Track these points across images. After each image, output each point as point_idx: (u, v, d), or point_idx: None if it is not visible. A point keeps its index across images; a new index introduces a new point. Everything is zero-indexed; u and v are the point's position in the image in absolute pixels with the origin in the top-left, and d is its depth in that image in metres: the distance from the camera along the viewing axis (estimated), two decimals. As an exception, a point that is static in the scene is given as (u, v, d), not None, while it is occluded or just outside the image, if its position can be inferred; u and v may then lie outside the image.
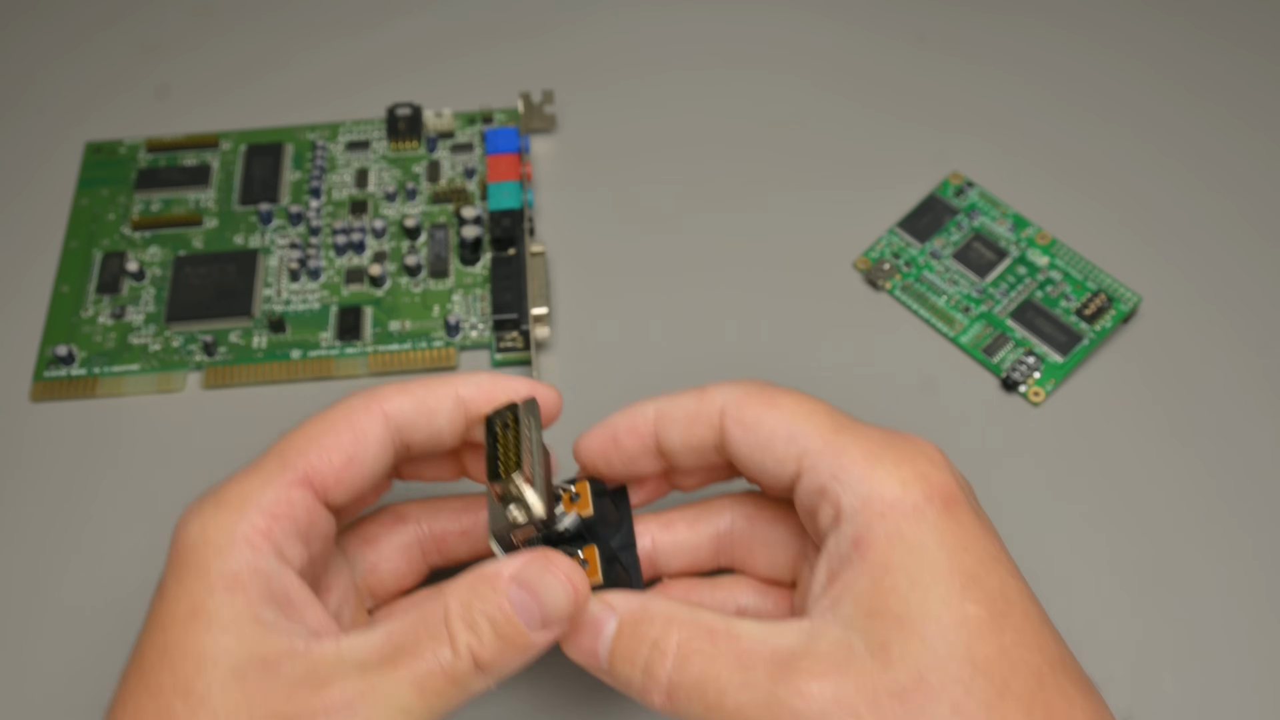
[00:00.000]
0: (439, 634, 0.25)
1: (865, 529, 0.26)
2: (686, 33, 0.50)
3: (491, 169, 0.43)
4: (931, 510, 0.26)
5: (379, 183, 0.44)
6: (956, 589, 0.25)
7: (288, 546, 0.27)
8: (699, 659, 0.25)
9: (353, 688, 0.25)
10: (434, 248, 0.42)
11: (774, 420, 0.28)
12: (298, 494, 0.27)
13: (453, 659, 0.25)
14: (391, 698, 0.25)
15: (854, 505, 0.26)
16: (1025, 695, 0.24)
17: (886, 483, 0.26)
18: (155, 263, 0.42)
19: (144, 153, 0.45)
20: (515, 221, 0.41)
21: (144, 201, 0.44)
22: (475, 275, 0.42)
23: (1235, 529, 0.37)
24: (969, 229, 0.43)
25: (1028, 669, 0.25)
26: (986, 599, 0.25)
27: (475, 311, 0.41)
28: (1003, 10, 0.50)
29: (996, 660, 0.24)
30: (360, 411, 0.28)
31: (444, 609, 0.25)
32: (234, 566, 0.26)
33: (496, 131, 0.44)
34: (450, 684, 0.25)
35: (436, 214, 0.43)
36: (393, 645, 0.25)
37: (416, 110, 0.45)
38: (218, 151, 0.45)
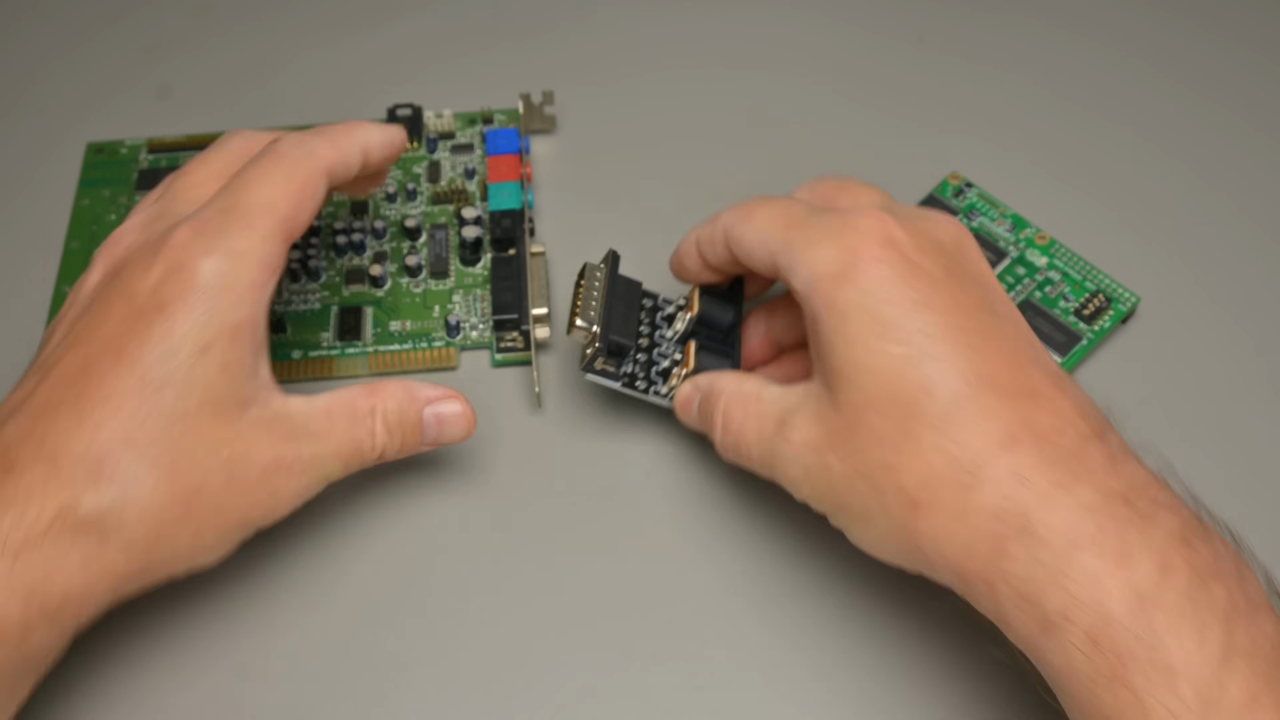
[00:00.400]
0: (366, 425, 0.33)
1: (811, 304, 0.31)
2: (686, 32, 0.50)
3: (492, 170, 0.43)
4: (852, 274, 0.30)
5: None
6: (878, 335, 0.29)
7: (269, 297, 0.32)
8: (735, 420, 0.33)
9: (295, 450, 0.32)
10: (434, 248, 0.42)
11: (750, 234, 0.33)
12: (281, 248, 0.32)
13: (370, 447, 0.33)
14: (322, 467, 0.33)
15: (802, 288, 0.31)
16: (938, 415, 0.28)
17: (819, 262, 0.31)
18: None
19: (145, 153, 0.45)
20: (515, 222, 0.41)
21: None
22: (475, 276, 0.42)
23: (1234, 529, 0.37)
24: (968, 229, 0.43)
25: (945, 393, 0.28)
26: (907, 339, 0.29)
27: (475, 312, 0.41)
28: (1002, 10, 0.50)
29: (915, 390, 0.28)
30: (312, 170, 0.33)
31: (376, 410, 0.33)
32: (240, 316, 0.31)
33: (497, 132, 0.44)
34: (360, 463, 0.34)
35: (437, 214, 0.43)
36: (330, 421, 0.33)
37: (417, 111, 0.45)
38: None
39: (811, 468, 0.31)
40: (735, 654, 0.34)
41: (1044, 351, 0.31)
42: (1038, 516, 0.27)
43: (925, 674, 0.34)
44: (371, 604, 0.35)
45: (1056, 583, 0.26)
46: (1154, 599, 0.25)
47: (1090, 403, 0.29)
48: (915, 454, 0.28)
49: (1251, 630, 0.25)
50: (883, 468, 0.29)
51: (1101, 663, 0.25)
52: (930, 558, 0.28)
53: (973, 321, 0.29)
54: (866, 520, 0.30)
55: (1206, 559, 0.26)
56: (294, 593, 0.36)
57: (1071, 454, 0.27)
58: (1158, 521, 0.26)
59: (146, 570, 0.30)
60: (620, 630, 0.35)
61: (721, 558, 0.36)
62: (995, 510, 0.27)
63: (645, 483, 0.38)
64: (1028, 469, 0.27)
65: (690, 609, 0.35)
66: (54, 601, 0.28)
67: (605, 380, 0.36)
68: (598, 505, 0.37)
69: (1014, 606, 0.27)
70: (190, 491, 0.30)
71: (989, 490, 0.27)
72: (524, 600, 0.35)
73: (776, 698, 0.34)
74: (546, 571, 0.36)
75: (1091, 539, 0.26)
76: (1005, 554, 0.27)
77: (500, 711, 0.33)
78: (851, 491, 0.30)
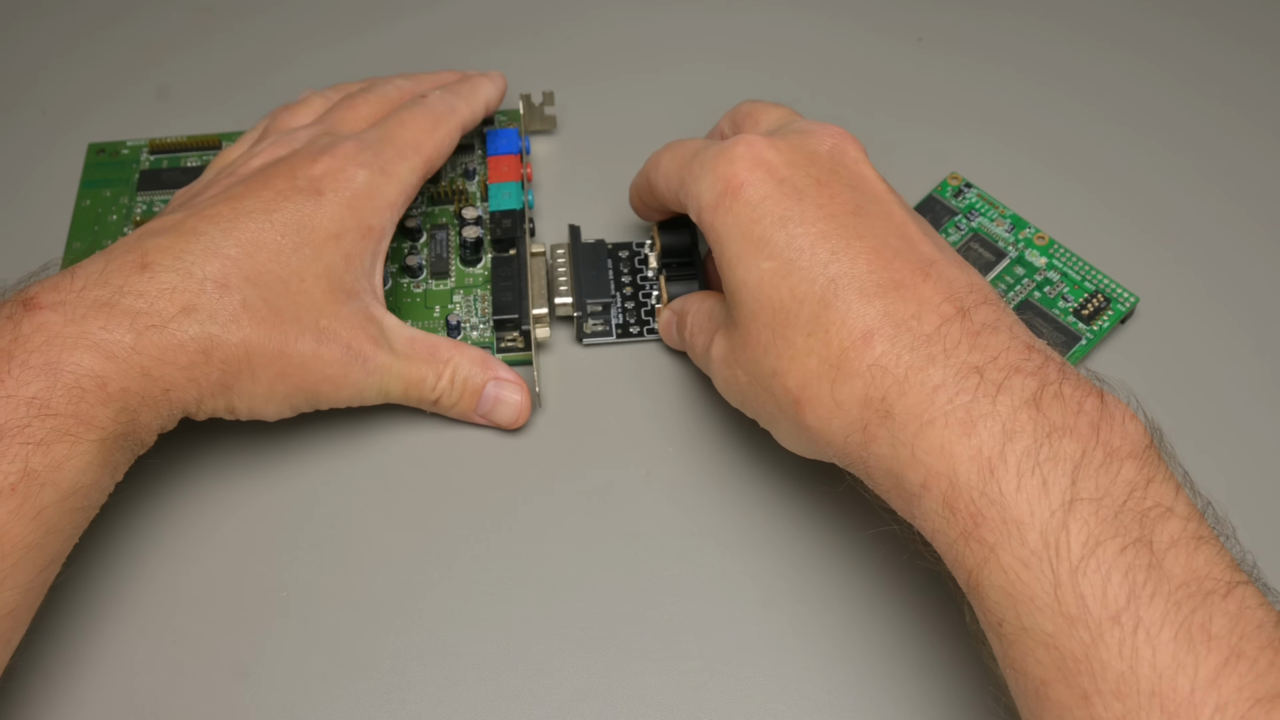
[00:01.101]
0: (436, 369, 0.37)
1: (705, 234, 0.34)
2: (686, 32, 0.50)
3: (492, 170, 0.43)
4: (725, 201, 0.33)
5: None
6: (752, 253, 0.32)
7: (399, 215, 0.38)
8: (696, 331, 0.37)
9: (374, 350, 0.36)
10: (435, 248, 0.42)
11: (658, 179, 0.37)
12: (420, 179, 0.39)
13: (431, 388, 0.37)
14: (387, 378, 0.37)
15: (695, 220, 0.34)
16: (807, 319, 0.31)
17: (703, 194, 0.34)
18: None
19: (146, 154, 0.45)
20: (516, 222, 0.41)
21: (146, 202, 0.44)
22: (476, 276, 0.42)
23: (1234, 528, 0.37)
24: (967, 229, 0.43)
25: (812, 298, 0.31)
26: (776, 253, 0.31)
27: (476, 312, 0.41)
28: (1001, 10, 0.50)
29: (787, 300, 0.31)
30: (453, 123, 0.41)
31: (452, 361, 0.38)
32: (375, 221, 0.37)
33: (497, 133, 0.44)
34: (418, 396, 0.37)
35: (437, 215, 0.43)
36: (412, 346, 0.37)
37: None
38: (219, 153, 0.45)
39: (727, 380, 0.34)
40: (736, 653, 0.34)
41: (921, 239, 0.32)
42: (894, 400, 0.29)
43: (928, 678, 0.34)
44: (371, 604, 0.35)
45: (914, 457, 0.28)
46: (999, 460, 0.27)
47: (964, 281, 0.31)
48: (792, 358, 0.31)
49: (1101, 478, 0.27)
50: (771, 374, 0.32)
51: (957, 523, 0.27)
52: (822, 448, 0.31)
53: (836, 226, 0.31)
54: (773, 422, 0.33)
55: (1057, 417, 0.27)
56: (294, 593, 0.36)
57: (927, 338, 0.29)
58: (1009, 388, 0.28)
59: (228, 392, 0.34)
60: (620, 630, 0.35)
61: (721, 557, 0.36)
62: (861, 398, 0.29)
63: (645, 482, 0.38)
64: (886, 357, 0.29)
65: (690, 608, 0.35)
66: (162, 385, 0.32)
67: (601, 339, 0.40)
68: (598, 505, 0.37)
69: (886, 483, 0.30)
70: (285, 340, 0.34)
71: (854, 382, 0.30)
72: (524, 600, 0.35)
73: (777, 697, 0.34)
74: (547, 571, 0.36)
75: (941, 413, 0.28)
76: (873, 438, 0.29)
77: (500, 711, 0.33)
78: (757, 399, 0.33)
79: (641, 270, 0.42)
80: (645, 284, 0.41)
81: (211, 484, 0.38)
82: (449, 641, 0.35)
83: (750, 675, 0.34)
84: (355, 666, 0.34)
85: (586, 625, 0.35)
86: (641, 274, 0.42)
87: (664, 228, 0.41)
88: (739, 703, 0.34)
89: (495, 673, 0.34)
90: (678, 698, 0.34)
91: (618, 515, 0.37)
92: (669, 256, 0.41)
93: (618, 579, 0.36)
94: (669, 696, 0.34)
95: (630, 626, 0.35)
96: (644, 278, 0.41)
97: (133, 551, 0.36)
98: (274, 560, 0.36)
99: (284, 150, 0.38)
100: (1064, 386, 0.28)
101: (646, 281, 0.41)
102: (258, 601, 0.35)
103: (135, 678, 0.34)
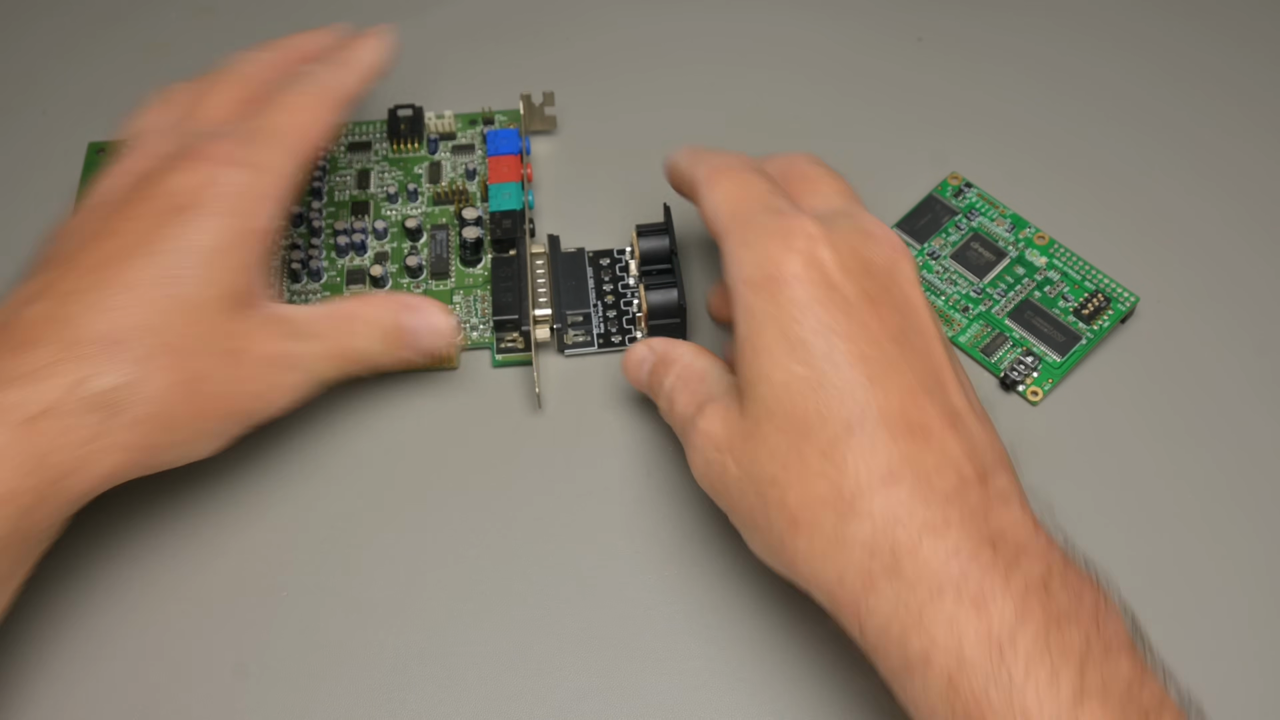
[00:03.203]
0: (355, 329, 0.36)
1: (733, 302, 0.32)
2: (686, 31, 0.50)
3: (492, 170, 0.43)
4: (770, 287, 0.30)
5: (380, 183, 0.44)
6: (785, 352, 0.30)
7: (283, 210, 0.35)
8: (679, 391, 0.34)
9: (292, 347, 0.34)
10: (435, 248, 0.42)
11: (707, 204, 0.34)
12: (300, 166, 0.35)
13: (359, 350, 0.36)
14: (315, 365, 0.35)
15: (729, 283, 0.32)
16: (827, 440, 0.29)
17: (746, 265, 0.31)
18: None
19: None
20: (516, 222, 0.41)
21: None
22: (476, 276, 0.42)
23: (1234, 528, 0.37)
24: (967, 229, 0.43)
25: (838, 420, 0.29)
26: (812, 361, 0.29)
27: (476, 312, 0.41)
28: (1002, 10, 0.50)
29: (811, 413, 0.29)
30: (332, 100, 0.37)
31: (363, 315, 0.36)
32: (257, 223, 0.34)
33: (498, 133, 0.44)
34: (351, 365, 0.36)
35: (438, 215, 0.43)
36: (324, 323, 0.35)
37: (418, 111, 0.45)
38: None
39: (710, 463, 0.32)
40: (736, 653, 0.34)
41: (954, 386, 0.31)
42: (906, 556, 0.27)
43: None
44: (371, 604, 0.35)
45: (919, 624, 0.27)
46: (1010, 644, 0.26)
47: (986, 442, 0.30)
48: (801, 475, 0.29)
49: (1105, 671, 0.26)
50: (770, 482, 0.30)
51: (959, 705, 0.26)
52: (805, 577, 0.29)
53: (879, 351, 0.30)
54: (752, 528, 0.31)
55: (1064, 604, 0.27)
56: (294, 593, 0.36)
57: (948, 497, 0.28)
58: (1020, 567, 0.27)
59: (149, 450, 0.32)
60: (620, 630, 0.35)
61: (722, 557, 0.36)
62: (868, 543, 0.28)
63: (645, 483, 0.38)
64: (903, 507, 0.28)
65: (691, 608, 0.35)
66: (59, 472, 0.30)
67: (582, 350, 0.40)
68: (598, 505, 0.37)
69: (879, 641, 0.28)
70: (196, 378, 0.32)
71: (864, 523, 0.28)
72: (524, 600, 0.35)
73: (777, 697, 0.34)
74: (547, 571, 0.36)
75: (954, 583, 0.27)
76: (873, 589, 0.28)
77: (499, 711, 0.33)
78: (742, 497, 0.31)
79: (622, 278, 0.41)
80: (626, 291, 0.41)
81: (212, 484, 0.38)
82: (449, 641, 0.35)
83: (750, 675, 0.34)
84: (355, 666, 0.34)
85: (586, 625, 0.35)
86: (623, 281, 0.41)
87: (643, 234, 0.40)
88: (739, 703, 0.34)
89: (495, 673, 0.34)
90: (678, 698, 0.34)
91: (618, 515, 0.37)
92: (647, 263, 0.40)
93: (618, 579, 0.36)
94: (669, 696, 0.34)
95: (630, 626, 0.35)
96: (625, 285, 0.41)
97: (133, 551, 0.36)
98: (274, 560, 0.36)
99: (145, 162, 0.35)
100: (1068, 574, 0.28)
101: (627, 289, 0.41)
102: (258, 601, 0.35)
103: (135, 677, 0.34)
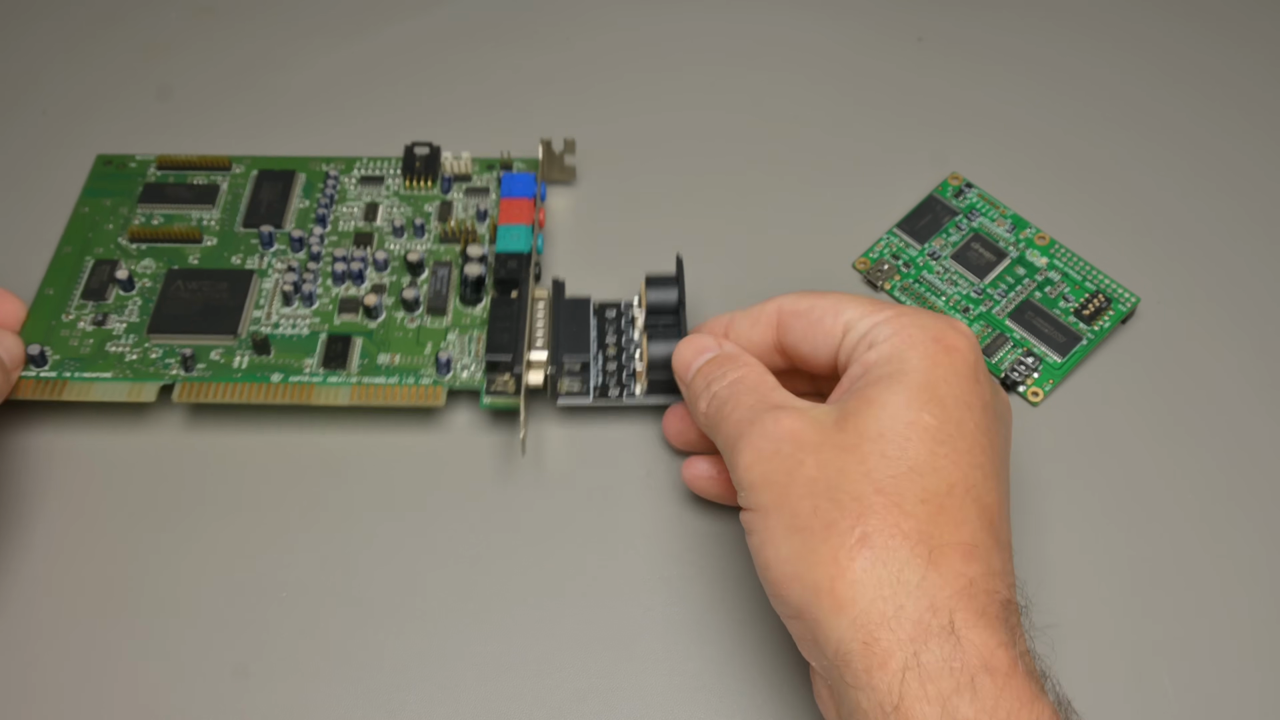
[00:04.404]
0: None
1: (880, 354, 0.31)
2: (685, 31, 0.50)
3: (504, 212, 0.41)
4: (935, 349, 0.31)
5: (388, 217, 0.43)
6: (922, 402, 0.30)
7: None
8: (740, 387, 0.33)
9: None
10: (435, 284, 0.40)
11: (823, 304, 0.34)
12: None
13: None
14: None
15: (882, 338, 0.31)
16: (928, 491, 0.28)
17: (911, 326, 0.31)
18: (147, 274, 0.41)
19: (154, 169, 0.44)
20: (522, 264, 0.39)
21: (145, 214, 0.43)
22: (474, 317, 0.40)
23: (1233, 528, 0.37)
24: (968, 230, 0.43)
25: (944, 477, 0.29)
26: (943, 419, 0.29)
27: (469, 352, 0.39)
28: (1002, 10, 0.50)
29: (923, 458, 0.29)
30: None
31: None
32: None
33: (514, 176, 0.43)
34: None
35: (442, 253, 0.42)
36: None
37: (435, 150, 0.44)
38: (228, 174, 0.44)
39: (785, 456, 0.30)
40: (736, 653, 0.34)
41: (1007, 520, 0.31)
42: (908, 711, 0.26)
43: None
44: (371, 604, 0.35)
45: (897, 710, 0.26)
46: None
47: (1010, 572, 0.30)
48: (896, 502, 0.28)
49: None
50: (855, 496, 0.28)
51: None
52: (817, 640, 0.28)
53: (990, 444, 0.30)
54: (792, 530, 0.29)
55: None
56: (294, 594, 0.36)
57: (971, 673, 0.27)
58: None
59: None
60: (620, 630, 0.35)
61: (722, 557, 0.36)
62: (893, 672, 0.27)
63: (645, 483, 0.38)
64: (959, 598, 0.27)
65: (691, 608, 0.35)
66: None
67: (576, 400, 0.38)
68: (598, 505, 0.37)
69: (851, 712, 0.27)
70: None
71: (898, 654, 0.27)
72: (524, 600, 0.35)
73: (777, 698, 0.34)
74: (546, 571, 0.36)
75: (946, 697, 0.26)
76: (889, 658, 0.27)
77: (499, 711, 0.33)
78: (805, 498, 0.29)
79: (627, 331, 0.39)
80: (629, 344, 0.39)
81: (212, 484, 0.38)
82: (449, 641, 0.35)
83: (750, 675, 0.34)
84: (355, 666, 0.34)
85: (586, 625, 0.35)
86: (626, 335, 0.39)
87: (652, 284, 0.38)
88: (739, 703, 0.34)
89: (495, 673, 0.34)
90: (678, 698, 0.34)
91: (618, 515, 0.37)
92: (654, 315, 0.38)
93: (618, 579, 0.36)
94: (669, 696, 0.34)
95: (630, 626, 0.35)
96: (629, 338, 0.39)
97: (133, 551, 0.36)
98: (274, 560, 0.36)
99: None
100: None
101: (631, 343, 0.39)
102: (258, 601, 0.35)
103: (135, 677, 0.34)
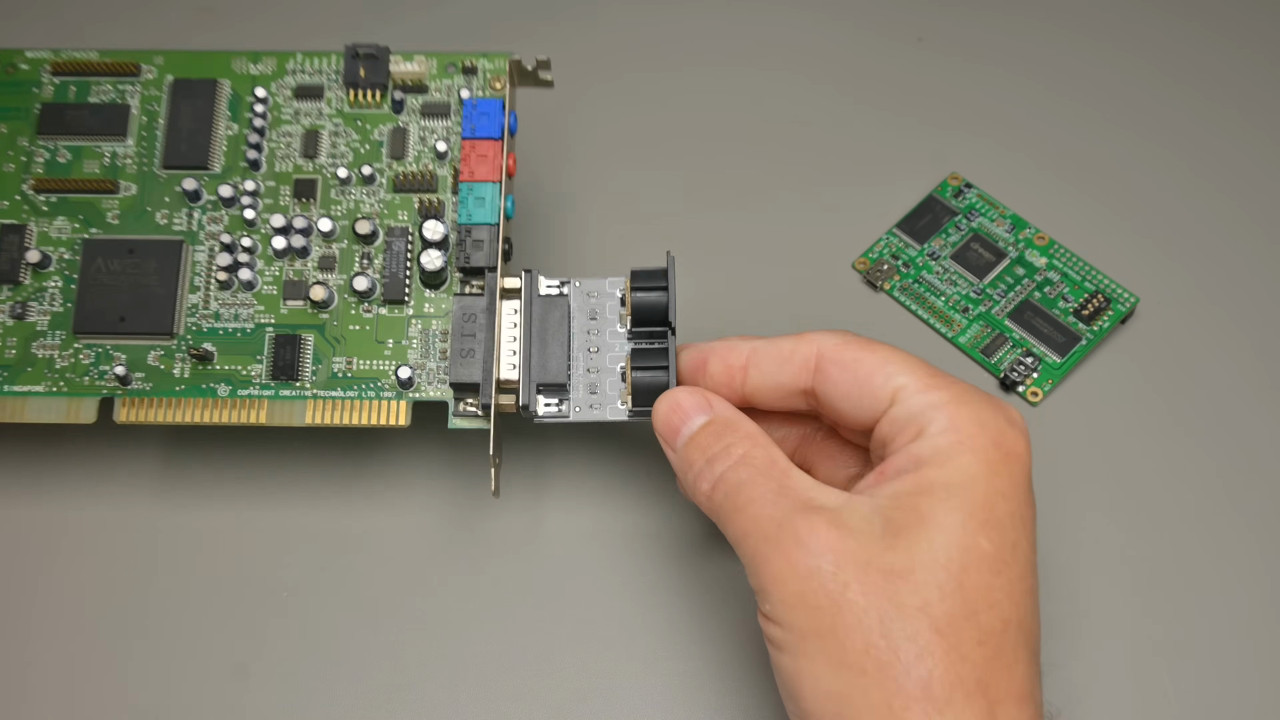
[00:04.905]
0: None
1: (933, 448, 0.28)
2: (685, 31, 0.50)
3: (466, 160, 0.36)
4: (994, 454, 0.28)
5: (332, 152, 0.37)
6: (980, 522, 0.27)
7: None
8: (752, 471, 0.29)
9: None
10: (390, 264, 0.36)
11: (873, 360, 0.30)
12: None
13: None
14: None
15: (935, 430, 0.28)
16: (985, 631, 0.26)
17: (969, 421, 0.28)
18: (62, 241, 0.36)
19: (49, 74, 0.38)
20: (489, 245, 0.35)
21: (49, 149, 0.38)
22: (437, 303, 0.36)
23: (1233, 528, 0.37)
24: (967, 230, 0.43)
25: (1000, 614, 0.27)
26: (999, 543, 0.27)
27: (434, 354, 0.35)
28: (1002, 10, 0.50)
29: (980, 591, 0.27)
30: None
31: None
32: None
33: (477, 104, 0.36)
34: None
35: (397, 205, 0.36)
36: None
37: (382, 53, 0.38)
38: (138, 83, 0.38)
39: (825, 576, 0.27)
40: (736, 653, 0.34)
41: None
42: None
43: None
44: (371, 604, 0.35)
45: None
46: None
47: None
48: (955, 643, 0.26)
49: None
50: (909, 636, 0.26)
51: None
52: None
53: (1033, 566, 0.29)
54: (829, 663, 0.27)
55: None
56: (294, 593, 0.36)
57: None
58: None
59: None
60: (620, 630, 0.35)
61: (722, 557, 0.36)
62: None
63: (645, 482, 0.38)
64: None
65: (691, 608, 0.35)
66: None
67: (556, 418, 0.34)
68: (598, 505, 0.37)
69: None
70: None
71: None
72: (524, 600, 0.35)
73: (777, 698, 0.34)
74: (546, 572, 0.36)
75: None
76: None
77: (499, 712, 0.33)
78: (854, 630, 0.26)
79: (611, 323, 0.34)
80: (615, 343, 0.34)
81: (212, 484, 0.38)
82: (449, 641, 0.35)
83: (750, 675, 0.34)
84: (355, 666, 0.34)
85: (586, 625, 0.35)
86: (611, 328, 0.34)
87: (638, 286, 0.34)
88: (738, 703, 0.34)
89: (495, 673, 0.34)
90: (678, 698, 0.34)
91: (617, 515, 0.37)
92: (640, 321, 0.34)
93: (618, 579, 0.36)
94: (669, 696, 0.34)
95: (630, 626, 0.35)
96: (614, 332, 0.34)
97: (133, 551, 0.36)
98: (274, 560, 0.36)
99: None
100: None
101: (616, 340, 0.34)
102: (258, 601, 0.35)
103: (136, 677, 0.34)
